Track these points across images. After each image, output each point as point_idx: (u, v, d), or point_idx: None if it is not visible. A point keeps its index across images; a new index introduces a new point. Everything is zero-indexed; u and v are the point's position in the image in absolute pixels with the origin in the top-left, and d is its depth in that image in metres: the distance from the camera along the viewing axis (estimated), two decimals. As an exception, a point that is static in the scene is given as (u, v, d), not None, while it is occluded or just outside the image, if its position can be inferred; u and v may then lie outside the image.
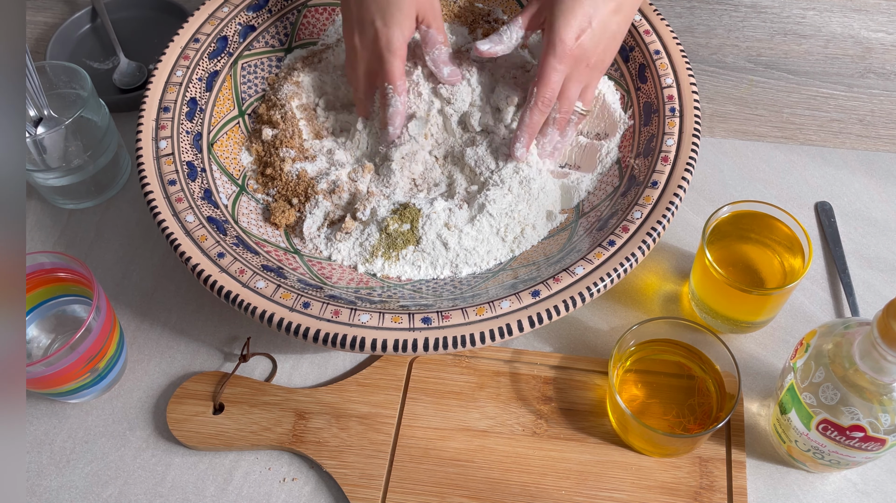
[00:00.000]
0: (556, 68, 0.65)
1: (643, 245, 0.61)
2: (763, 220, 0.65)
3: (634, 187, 0.66)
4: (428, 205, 0.68)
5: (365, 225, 0.68)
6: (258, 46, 0.79)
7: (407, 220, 0.67)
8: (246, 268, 0.62)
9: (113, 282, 0.74)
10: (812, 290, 0.71)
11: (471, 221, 0.68)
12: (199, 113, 0.72)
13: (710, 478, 0.60)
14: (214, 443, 0.63)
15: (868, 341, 0.49)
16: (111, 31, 0.90)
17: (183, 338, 0.70)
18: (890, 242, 0.73)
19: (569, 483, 0.61)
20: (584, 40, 0.65)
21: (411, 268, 0.68)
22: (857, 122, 0.82)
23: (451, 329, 0.58)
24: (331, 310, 0.59)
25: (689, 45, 0.88)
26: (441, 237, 0.67)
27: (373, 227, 0.68)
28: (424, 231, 0.67)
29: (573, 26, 0.64)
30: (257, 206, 0.71)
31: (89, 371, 0.62)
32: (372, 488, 0.61)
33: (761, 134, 0.82)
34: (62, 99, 0.77)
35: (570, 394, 0.65)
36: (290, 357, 0.69)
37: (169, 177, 0.66)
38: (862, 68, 0.85)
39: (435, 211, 0.68)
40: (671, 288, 0.71)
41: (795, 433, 0.57)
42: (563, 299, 0.59)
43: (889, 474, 0.61)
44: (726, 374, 0.61)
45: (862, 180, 0.78)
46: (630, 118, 0.73)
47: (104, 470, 0.64)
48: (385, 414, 0.64)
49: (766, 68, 0.86)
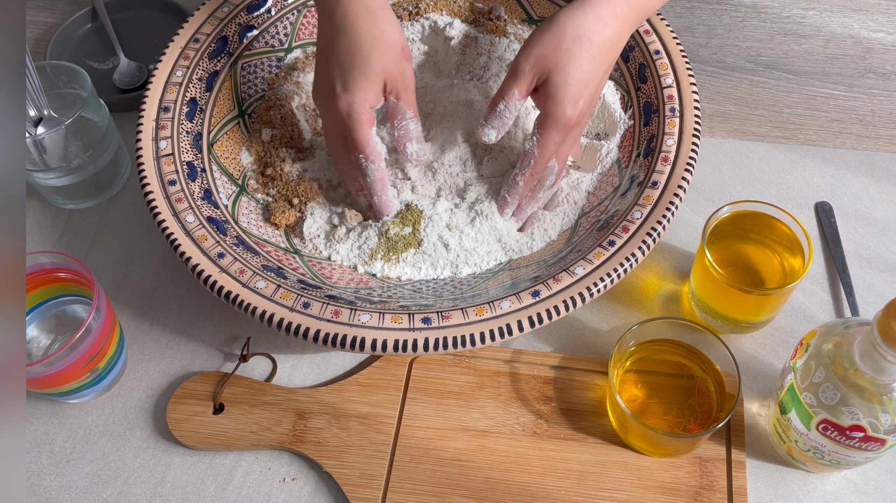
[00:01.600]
0: (555, 140, 0.64)
1: (643, 245, 0.61)
2: (763, 219, 0.65)
3: (634, 187, 0.66)
4: (430, 206, 0.68)
5: (364, 227, 0.68)
6: (258, 46, 0.79)
7: (409, 223, 0.67)
8: (246, 268, 0.62)
9: (113, 282, 0.74)
10: (812, 290, 0.71)
11: (471, 222, 0.68)
12: (199, 113, 0.72)
13: (710, 478, 0.60)
14: (214, 443, 0.63)
15: (868, 341, 0.49)
16: (111, 31, 0.90)
17: (183, 338, 0.70)
18: (890, 242, 0.73)
19: (569, 483, 0.61)
20: (582, 106, 0.63)
21: (412, 270, 0.68)
22: (857, 122, 0.82)
23: (451, 329, 0.58)
24: (331, 311, 0.59)
25: (689, 45, 0.88)
26: (442, 239, 0.67)
27: (371, 230, 0.68)
28: (426, 234, 0.67)
29: (573, 96, 0.62)
30: (257, 206, 0.71)
31: (89, 371, 0.62)
32: (372, 488, 0.61)
33: (761, 134, 0.82)
34: (62, 99, 0.77)
35: (570, 394, 0.65)
36: (290, 357, 0.69)
37: (169, 177, 0.66)
38: (862, 68, 0.85)
39: (437, 212, 0.67)
40: (671, 288, 0.71)
41: (795, 433, 0.57)
42: (563, 299, 0.59)
43: (889, 474, 0.61)
44: (726, 374, 0.61)
45: (862, 180, 0.78)
46: (630, 118, 0.73)
47: (104, 470, 0.64)
48: (385, 414, 0.64)
49: (766, 68, 0.86)
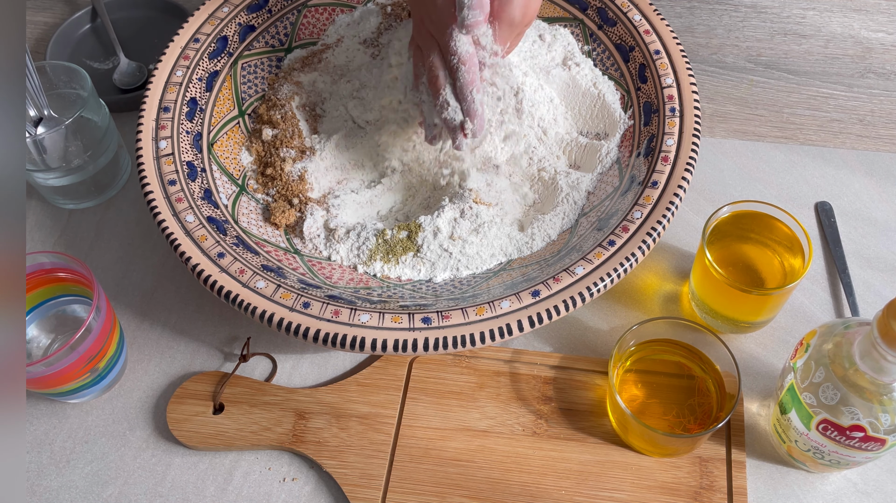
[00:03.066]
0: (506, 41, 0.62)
1: (643, 245, 0.61)
2: (763, 220, 0.65)
3: (634, 187, 0.66)
4: (430, 220, 0.67)
5: (361, 226, 0.68)
6: (258, 46, 0.79)
7: (404, 228, 0.67)
8: (246, 268, 0.62)
9: (113, 283, 0.74)
10: (812, 290, 0.71)
11: (475, 231, 0.67)
12: (199, 113, 0.72)
13: (710, 478, 0.60)
14: (214, 443, 0.63)
15: (868, 341, 0.49)
16: (111, 31, 0.90)
17: (183, 338, 0.70)
18: (890, 242, 0.73)
19: (569, 483, 0.61)
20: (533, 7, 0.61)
21: (411, 271, 0.68)
22: (857, 122, 0.82)
23: (451, 329, 0.58)
24: (331, 310, 0.59)
25: (689, 45, 0.88)
26: (443, 246, 0.67)
27: (369, 230, 0.68)
28: (425, 242, 0.67)
29: None
30: (257, 206, 0.71)
31: (89, 371, 0.62)
32: (372, 488, 0.61)
33: (761, 134, 0.82)
34: (62, 99, 0.77)
35: (570, 394, 0.65)
36: (290, 357, 0.69)
37: (169, 177, 0.66)
38: (862, 68, 0.85)
39: (438, 227, 0.67)
40: (671, 288, 0.71)
41: (795, 433, 0.57)
42: (563, 299, 0.59)
43: (889, 474, 0.61)
44: (726, 374, 0.61)
45: (862, 180, 0.78)
46: (630, 118, 0.73)
47: (104, 470, 0.64)
48: (385, 414, 0.64)
49: (766, 68, 0.86)
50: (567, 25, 0.79)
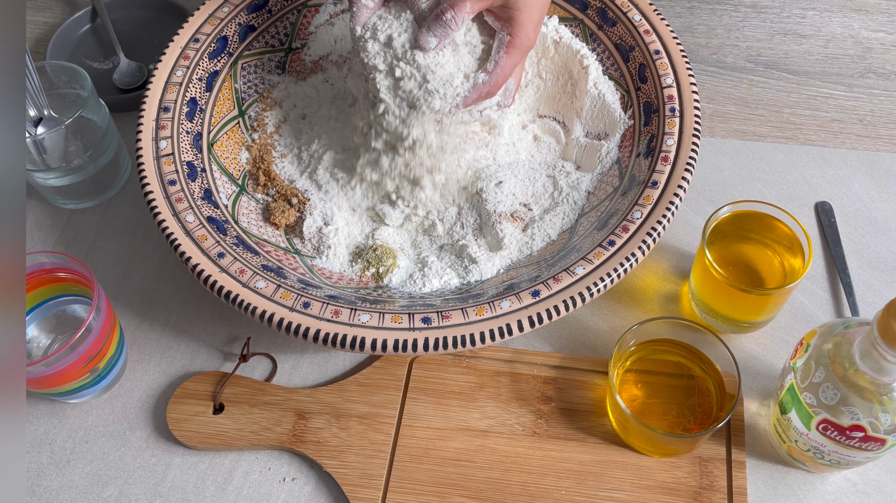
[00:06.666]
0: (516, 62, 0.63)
1: (643, 245, 0.61)
2: (763, 220, 0.65)
3: (634, 187, 0.66)
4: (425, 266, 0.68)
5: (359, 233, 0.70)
6: (258, 46, 0.79)
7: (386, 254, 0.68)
8: (246, 268, 0.62)
9: (113, 283, 0.74)
10: (812, 290, 0.71)
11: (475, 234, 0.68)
12: (199, 113, 0.72)
13: (710, 478, 0.60)
14: (214, 443, 0.63)
15: (868, 341, 0.49)
16: (111, 31, 0.90)
17: (183, 338, 0.70)
18: (890, 242, 0.73)
19: (569, 483, 0.61)
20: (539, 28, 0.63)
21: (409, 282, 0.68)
22: (857, 122, 0.82)
23: (451, 329, 0.58)
24: (331, 310, 0.59)
25: (689, 45, 0.88)
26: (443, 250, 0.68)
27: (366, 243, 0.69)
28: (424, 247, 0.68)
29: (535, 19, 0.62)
30: (257, 206, 0.72)
31: (89, 371, 0.62)
32: (372, 488, 0.61)
33: (761, 134, 0.82)
34: (62, 99, 0.77)
35: (570, 394, 0.65)
36: (290, 357, 0.69)
37: (169, 177, 0.66)
38: (862, 68, 0.85)
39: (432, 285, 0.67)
40: (671, 288, 0.71)
41: (795, 433, 0.57)
42: (563, 299, 0.59)
43: (889, 474, 0.61)
44: (726, 374, 0.61)
45: (862, 180, 0.78)
46: (630, 118, 0.73)
47: (104, 470, 0.64)
48: (385, 414, 0.64)
49: (766, 68, 0.86)
50: (567, 25, 0.79)
